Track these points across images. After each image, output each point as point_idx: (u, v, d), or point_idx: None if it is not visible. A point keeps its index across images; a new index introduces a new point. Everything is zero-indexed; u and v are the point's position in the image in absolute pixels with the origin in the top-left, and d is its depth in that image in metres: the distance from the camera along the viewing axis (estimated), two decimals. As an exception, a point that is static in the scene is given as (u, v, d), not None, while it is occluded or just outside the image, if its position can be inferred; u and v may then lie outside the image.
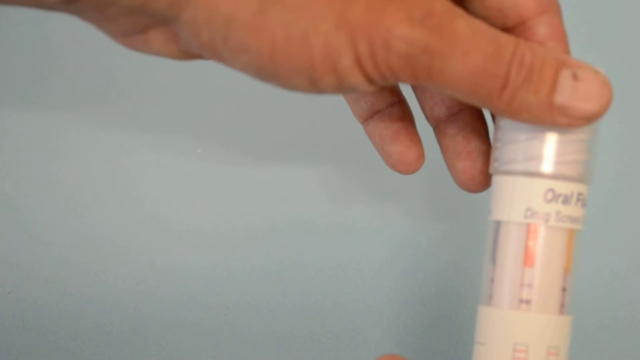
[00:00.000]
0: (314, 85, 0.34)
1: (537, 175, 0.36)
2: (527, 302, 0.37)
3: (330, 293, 0.60)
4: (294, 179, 0.61)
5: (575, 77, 0.35)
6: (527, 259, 0.37)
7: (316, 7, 0.33)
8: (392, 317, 0.60)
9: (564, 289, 0.37)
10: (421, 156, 0.42)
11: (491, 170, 0.38)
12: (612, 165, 0.61)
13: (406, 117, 0.42)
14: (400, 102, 0.43)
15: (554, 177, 0.36)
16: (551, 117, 0.35)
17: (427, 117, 0.42)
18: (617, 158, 0.61)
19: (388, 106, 0.42)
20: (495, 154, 0.38)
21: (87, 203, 0.59)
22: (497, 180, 0.37)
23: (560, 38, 0.38)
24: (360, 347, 0.60)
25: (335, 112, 0.60)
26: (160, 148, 0.60)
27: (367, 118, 0.43)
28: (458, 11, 0.34)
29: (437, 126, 0.42)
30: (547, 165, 0.36)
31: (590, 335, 0.61)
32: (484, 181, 0.41)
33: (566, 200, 0.36)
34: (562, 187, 0.36)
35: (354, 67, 0.34)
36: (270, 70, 0.34)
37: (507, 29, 0.38)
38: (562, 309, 0.37)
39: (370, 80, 0.34)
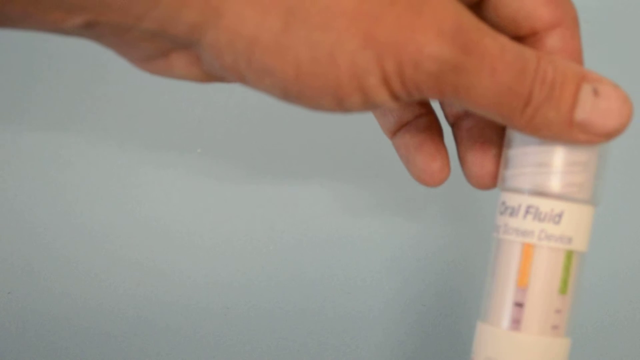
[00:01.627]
0: (340, 105, 0.34)
1: (543, 195, 0.36)
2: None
3: (331, 294, 0.60)
4: (294, 180, 0.61)
5: (595, 93, 0.34)
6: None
7: (342, 25, 0.32)
8: (392, 318, 0.60)
9: (558, 311, 0.36)
10: (446, 167, 0.41)
11: (498, 186, 0.38)
12: (612, 165, 0.61)
13: (433, 127, 0.42)
14: (428, 113, 0.42)
15: (553, 196, 0.36)
16: (570, 134, 0.35)
17: (446, 115, 0.42)
18: (617, 158, 0.61)
19: (415, 117, 0.42)
20: (501, 168, 0.38)
21: (86, 204, 0.59)
22: (500, 196, 0.37)
23: (571, 52, 0.38)
24: (360, 347, 0.60)
25: (338, 118, 0.60)
26: (160, 148, 0.60)
27: (395, 131, 0.42)
28: (484, 27, 0.33)
29: (455, 123, 0.42)
30: (547, 185, 0.36)
31: (590, 335, 0.61)
32: (494, 172, 0.40)
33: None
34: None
35: (381, 86, 0.33)
36: (296, 92, 0.33)
37: (518, 38, 0.37)
38: (556, 330, 0.36)
39: (396, 97, 0.34)
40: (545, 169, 0.36)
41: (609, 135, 0.35)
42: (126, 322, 0.59)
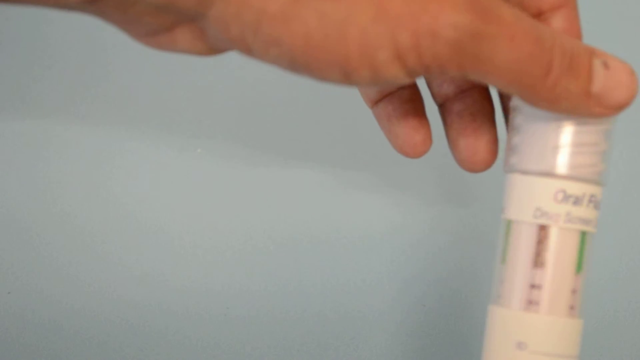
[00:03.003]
0: (348, 78, 0.33)
1: (549, 176, 0.36)
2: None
3: (331, 295, 0.60)
4: (295, 180, 0.61)
5: (606, 66, 0.35)
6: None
7: None
8: (392, 318, 0.60)
9: (574, 291, 0.37)
10: (428, 139, 0.41)
11: (505, 169, 0.38)
12: (613, 165, 0.61)
13: (415, 99, 0.42)
14: (411, 84, 0.42)
15: (566, 177, 0.36)
16: (587, 107, 0.35)
17: (434, 95, 0.42)
18: (617, 158, 0.61)
19: (398, 88, 0.42)
20: (509, 153, 0.38)
21: (85, 205, 0.59)
22: (509, 179, 0.37)
23: (574, 32, 0.38)
24: (360, 347, 0.60)
25: (341, 116, 0.60)
26: (159, 148, 0.60)
27: (376, 101, 0.42)
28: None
29: (444, 104, 0.42)
30: (560, 165, 0.36)
31: (590, 335, 0.60)
32: (486, 159, 0.40)
33: (577, 201, 0.36)
34: (574, 188, 0.36)
35: (392, 61, 0.33)
36: (303, 63, 0.33)
37: None
38: (572, 311, 0.37)
39: (410, 72, 0.33)
40: (557, 149, 0.36)
41: (620, 107, 0.35)
42: (125, 325, 0.59)
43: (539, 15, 0.38)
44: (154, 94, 0.60)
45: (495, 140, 0.41)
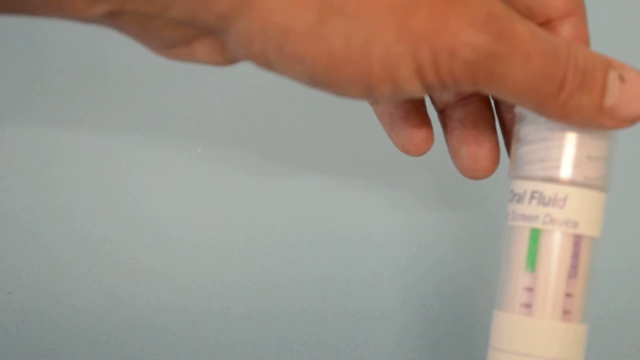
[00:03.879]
0: (369, 94, 0.34)
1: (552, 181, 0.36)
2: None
3: (331, 295, 0.60)
4: (296, 180, 0.61)
5: (622, 79, 0.35)
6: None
7: (378, 16, 0.32)
8: (392, 318, 0.60)
9: (568, 295, 0.36)
10: (430, 137, 0.41)
11: (509, 175, 0.38)
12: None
13: (417, 98, 0.42)
14: None
15: (543, 180, 0.36)
16: (600, 120, 0.35)
17: (434, 101, 0.42)
18: (617, 157, 0.60)
19: None
20: (513, 160, 0.38)
21: (85, 204, 0.59)
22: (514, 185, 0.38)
23: (584, 40, 0.38)
24: (360, 347, 0.60)
25: (342, 115, 0.60)
26: (160, 148, 0.60)
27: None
28: (514, 13, 0.34)
29: (444, 110, 0.42)
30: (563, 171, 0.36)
31: (591, 335, 0.60)
32: (488, 167, 0.40)
33: (520, 199, 0.36)
34: (516, 186, 0.36)
35: (413, 77, 0.33)
36: (325, 80, 0.34)
37: None
38: (567, 315, 0.36)
39: (428, 87, 0.34)
40: (552, 156, 0.36)
41: (635, 120, 0.35)
42: (125, 324, 0.59)
43: (547, 23, 0.38)
44: (154, 94, 0.60)
45: (497, 147, 0.41)
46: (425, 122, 0.42)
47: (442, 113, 0.42)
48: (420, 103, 0.42)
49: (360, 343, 0.60)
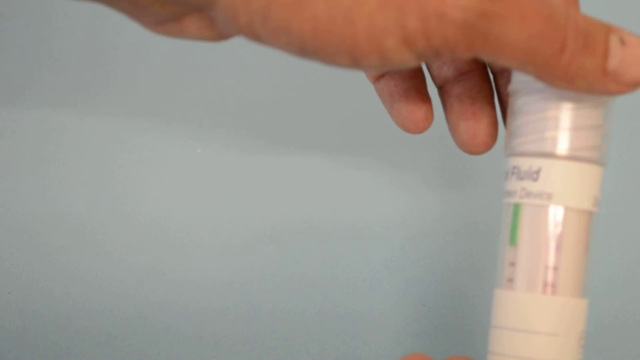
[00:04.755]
0: (357, 63, 0.33)
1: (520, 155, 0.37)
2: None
3: (331, 294, 0.60)
4: (296, 180, 0.61)
5: (623, 42, 0.34)
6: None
7: None
8: (392, 318, 0.60)
9: (553, 268, 0.36)
10: (430, 115, 0.41)
11: (505, 153, 0.38)
12: (612, 163, 0.61)
13: (417, 76, 0.42)
14: None
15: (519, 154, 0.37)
16: (604, 84, 0.34)
17: (434, 77, 0.42)
18: (616, 156, 0.61)
19: None
20: (509, 137, 0.38)
21: (85, 204, 0.59)
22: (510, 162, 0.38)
23: (572, 3, 0.38)
24: (360, 347, 0.60)
25: (340, 110, 0.60)
26: (160, 148, 0.60)
27: (378, 77, 0.42)
28: None
29: (443, 86, 0.42)
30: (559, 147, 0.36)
31: (591, 335, 0.61)
32: (486, 142, 0.40)
33: (532, 176, 0.36)
34: (526, 164, 0.36)
35: (401, 46, 0.32)
36: (312, 48, 0.33)
37: None
38: (549, 288, 0.36)
39: (420, 56, 0.33)
40: (526, 130, 0.36)
41: (637, 84, 0.34)
42: (126, 322, 0.59)
43: None
44: (154, 94, 0.60)
45: (495, 123, 0.41)
46: (425, 100, 0.41)
47: (441, 89, 0.42)
48: (420, 81, 0.42)
49: (360, 342, 0.60)
